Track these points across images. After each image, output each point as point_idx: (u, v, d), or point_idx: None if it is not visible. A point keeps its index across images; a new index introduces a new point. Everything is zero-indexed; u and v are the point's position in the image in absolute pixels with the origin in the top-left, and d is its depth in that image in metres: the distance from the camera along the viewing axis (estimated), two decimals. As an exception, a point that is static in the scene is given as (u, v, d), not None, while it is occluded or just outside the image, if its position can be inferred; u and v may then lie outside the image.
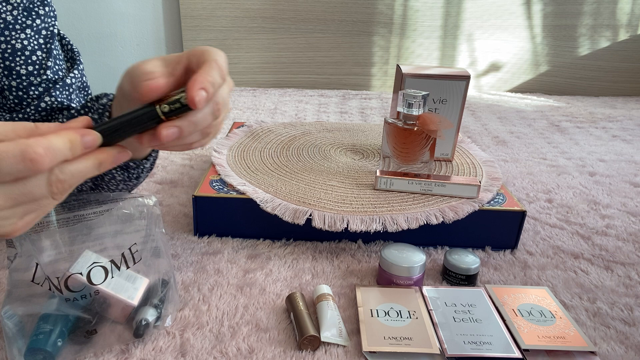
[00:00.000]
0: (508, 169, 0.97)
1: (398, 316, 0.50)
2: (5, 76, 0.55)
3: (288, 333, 0.49)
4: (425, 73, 0.73)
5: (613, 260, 0.65)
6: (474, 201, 0.64)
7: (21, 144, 0.29)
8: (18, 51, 0.54)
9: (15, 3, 0.54)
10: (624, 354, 0.48)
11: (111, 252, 0.44)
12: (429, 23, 1.66)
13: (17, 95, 0.55)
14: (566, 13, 1.66)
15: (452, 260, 0.57)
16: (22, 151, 0.29)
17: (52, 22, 0.58)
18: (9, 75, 0.55)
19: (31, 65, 0.55)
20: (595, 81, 1.75)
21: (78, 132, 0.32)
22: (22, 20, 0.54)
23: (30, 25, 0.55)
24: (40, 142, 0.29)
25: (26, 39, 0.55)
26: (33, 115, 0.56)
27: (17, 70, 0.55)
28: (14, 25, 0.54)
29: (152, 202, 0.47)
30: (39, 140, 0.30)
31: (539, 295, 0.54)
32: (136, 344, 0.46)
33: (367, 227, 0.60)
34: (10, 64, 0.54)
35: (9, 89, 0.55)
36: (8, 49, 0.54)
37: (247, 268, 0.59)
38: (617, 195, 0.86)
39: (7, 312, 0.41)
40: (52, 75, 0.57)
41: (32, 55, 0.55)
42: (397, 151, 0.70)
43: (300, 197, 0.65)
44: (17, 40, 0.54)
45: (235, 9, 1.59)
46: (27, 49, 0.55)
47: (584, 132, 1.26)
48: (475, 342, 0.47)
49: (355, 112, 1.37)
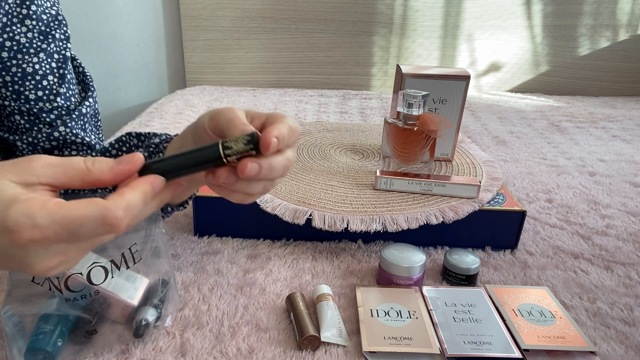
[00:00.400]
0: (508, 169, 0.97)
1: (398, 316, 0.50)
2: (14, 100, 0.53)
3: (288, 333, 0.49)
4: (425, 73, 0.73)
5: (613, 260, 0.65)
6: (474, 201, 0.64)
7: (101, 207, 0.29)
8: (28, 75, 0.52)
9: (31, 25, 0.52)
10: (624, 354, 0.48)
11: (111, 252, 0.44)
12: (429, 23, 1.66)
13: (29, 120, 0.54)
14: (566, 13, 1.67)
15: (452, 260, 0.57)
16: (103, 216, 0.29)
17: (65, 45, 0.55)
18: (17, 99, 0.53)
19: (41, 90, 0.53)
20: (595, 81, 1.75)
21: (148, 183, 0.32)
22: (37, 44, 0.52)
23: (45, 50, 0.53)
24: (119, 204, 0.29)
25: (38, 63, 0.52)
26: (44, 142, 0.54)
27: (26, 95, 0.52)
28: (27, 49, 0.52)
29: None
30: (118, 202, 0.30)
31: (539, 295, 0.54)
32: (136, 344, 0.46)
33: (367, 227, 0.60)
34: (19, 88, 0.52)
35: (19, 113, 0.53)
36: (18, 73, 0.52)
37: (247, 268, 0.59)
38: (617, 195, 0.86)
39: (7, 312, 0.41)
40: (63, 102, 0.55)
41: (43, 80, 0.53)
42: (397, 151, 0.70)
43: (300, 197, 0.65)
44: (29, 64, 0.52)
45: (235, 9, 1.59)
46: (38, 74, 0.53)
47: (584, 132, 1.26)
48: (475, 342, 0.47)
49: (355, 112, 1.37)
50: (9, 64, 0.51)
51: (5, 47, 0.50)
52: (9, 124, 0.55)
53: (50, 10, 0.54)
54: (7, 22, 0.50)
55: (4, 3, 0.49)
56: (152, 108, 1.35)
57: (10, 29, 0.50)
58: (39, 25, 0.52)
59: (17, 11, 0.51)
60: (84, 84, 0.60)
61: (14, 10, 0.50)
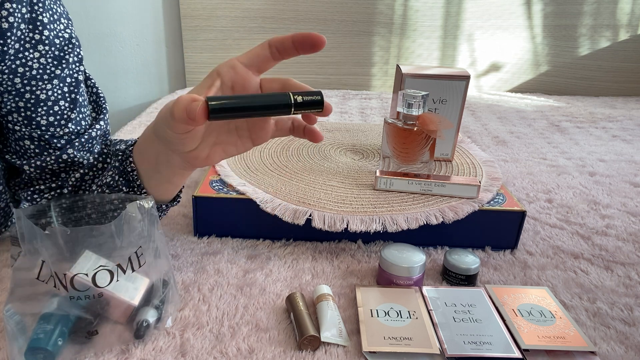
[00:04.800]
0: (508, 169, 0.97)
1: (398, 316, 0.50)
2: (25, 125, 0.52)
3: (288, 333, 0.49)
4: (425, 73, 0.73)
5: (613, 260, 0.65)
6: (474, 201, 0.64)
7: None
8: (41, 102, 0.51)
9: (44, 50, 0.50)
10: (624, 354, 0.48)
11: (117, 256, 0.44)
12: (429, 23, 1.66)
13: (39, 145, 0.53)
14: (566, 13, 1.67)
15: (452, 261, 0.57)
16: None
17: (78, 67, 0.54)
18: (28, 125, 0.51)
19: (52, 115, 0.52)
20: (595, 81, 1.75)
21: None
22: (51, 69, 0.51)
23: (59, 76, 0.52)
24: None
25: (51, 89, 0.51)
26: (52, 165, 0.53)
27: (38, 120, 0.51)
28: (41, 75, 0.50)
29: (150, 204, 0.47)
30: None
31: (539, 295, 0.54)
32: (136, 344, 0.46)
33: (367, 227, 0.60)
34: (31, 114, 0.51)
35: (30, 138, 0.52)
36: (31, 99, 0.50)
37: (247, 268, 0.59)
38: (617, 195, 0.86)
39: (8, 310, 0.42)
40: (74, 127, 0.54)
41: (55, 105, 0.52)
42: (397, 151, 0.70)
43: (300, 197, 0.65)
44: (42, 90, 0.51)
45: (235, 9, 1.59)
46: (50, 99, 0.51)
47: (584, 132, 1.26)
48: (475, 342, 0.47)
49: (355, 112, 1.37)
50: (22, 91, 0.50)
51: (18, 73, 0.49)
52: (17, 147, 0.54)
53: (64, 34, 0.52)
54: (19, 48, 0.49)
55: (15, 30, 0.47)
56: (152, 108, 1.35)
57: (23, 54, 0.49)
58: (52, 50, 0.51)
59: (30, 36, 0.49)
60: (97, 104, 0.59)
61: (26, 35, 0.49)
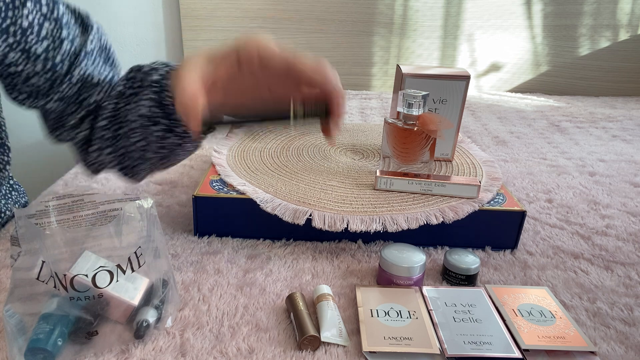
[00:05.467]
0: (508, 169, 0.97)
1: (398, 316, 0.50)
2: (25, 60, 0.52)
3: (288, 333, 0.49)
4: (425, 73, 0.73)
5: (613, 260, 0.65)
6: (474, 201, 0.64)
7: None
8: (27, 29, 0.51)
9: None
10: (624, 354, 0.48)
11: (116, 256, 0.44)
12: (429, 23, 1.66)
13: (47, 78, 0.53)
14: (566, 13, 1.66)
15: (452, 260, 0.57)
16: None
17: None
18: (27, 58, 0.52)
19: (45, 40, 0.52)
20: (595, 81, 1.75)
21: None
22: None
23: None
24: None
25: (30, 13, 0.51)
26: (68, 91, 0.54)
27: (34, 50, 0.52)
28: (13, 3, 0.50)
29: (149, 204, 0.47)
30: None
31: (539, 295, 0.54)
32: (136, 344, 0.46)
33: (367, 227, 0.60)
34: (25, 47, 0.52)
35: (34, 75, 0.53)
36: (18, 31, 0.51)
37: (247, 268, 0.59)
38: (617, 195, 0.86)
39: (8, 310, 0.42)
40: (69, 46, 0.54)
41: (42, 29, 0.52)
42: (397, 151, 0.70)
43: (300, 197, 0.65)
44: (22, 17, 0.51)
45: (235, 9, 1.59)
46: (34, 25, 0.51)
47: (584, 132, 1.26)
48: (475, 342, 0.47)
49: (355, 112, 1.37)
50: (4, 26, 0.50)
51: None
52: (27, 89, 0.54)
53: None
54: None
55: None
56: (152, 108, 1.35)
57: None
58: None
59: None
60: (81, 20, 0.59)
61: None
